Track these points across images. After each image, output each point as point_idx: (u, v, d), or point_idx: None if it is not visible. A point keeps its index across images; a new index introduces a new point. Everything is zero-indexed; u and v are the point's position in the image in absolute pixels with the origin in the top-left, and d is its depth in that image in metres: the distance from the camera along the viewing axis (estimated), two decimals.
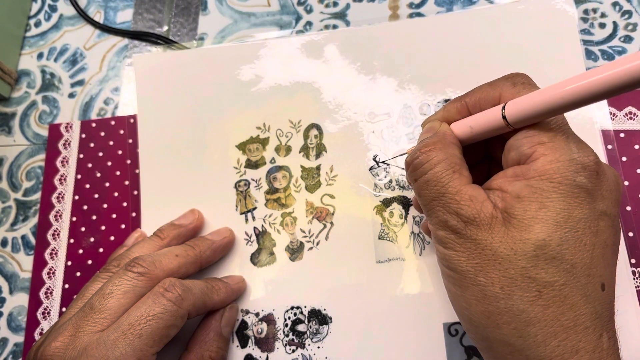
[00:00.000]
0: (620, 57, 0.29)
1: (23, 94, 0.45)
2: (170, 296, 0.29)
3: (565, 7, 0.37)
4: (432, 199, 0.25)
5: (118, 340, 0.27)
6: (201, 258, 0.34)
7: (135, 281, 0.29)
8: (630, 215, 0.34)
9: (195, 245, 0.34)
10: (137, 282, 0.29)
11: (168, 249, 0.33)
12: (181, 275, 0.32)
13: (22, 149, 0.43)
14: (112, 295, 0.29)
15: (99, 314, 0.28)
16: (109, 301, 0.28)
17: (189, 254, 0.33)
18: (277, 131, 0.39)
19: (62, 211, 0.40)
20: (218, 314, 0.33)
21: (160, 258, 0.31)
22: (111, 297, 0.29)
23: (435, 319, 0.33)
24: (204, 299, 0.31)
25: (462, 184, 0.24)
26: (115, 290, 0.29)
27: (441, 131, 0.27)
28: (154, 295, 0.29)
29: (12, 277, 0.40)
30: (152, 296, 0.29)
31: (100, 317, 0.28)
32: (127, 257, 0.32)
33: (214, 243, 0.35)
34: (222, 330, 0.33)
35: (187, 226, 0.36)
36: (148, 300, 0.29)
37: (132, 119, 0.41)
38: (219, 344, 0.32)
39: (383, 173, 0.37)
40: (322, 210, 0.37)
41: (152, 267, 0.30)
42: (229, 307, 0.34)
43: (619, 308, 0.32)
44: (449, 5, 0.41)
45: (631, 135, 0.36)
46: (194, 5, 0.45)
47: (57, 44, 0.46)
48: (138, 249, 0.33)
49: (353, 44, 0.39)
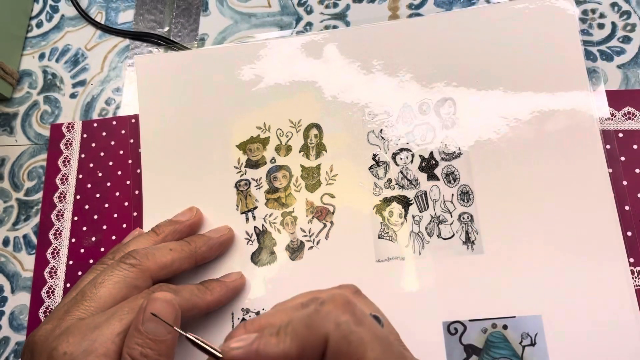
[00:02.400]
0: None
1: (25, 94, 0.45)
2: (160, 295, 0.28)
3: (566, 6, 0.37)
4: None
5: (101, 323, 0.28)
6: (196, 254, 0.34)
7: (126, 272, 0.30)
8: (629, 215, 0.34)
9: (191, 241, 0.35)
10: (128, 273, 0.30)
11: (163, 244, 0.33)
12: (175, 270, 0.33)
13: (24, 149, 0.43)
14: (103, 285, 0.30)
15: (89, 302, 0.29)
16: (99, 290, 0.29)
17: (183, 249, 0.33)
18: (277, 131, 0.39)
19: (63, 211, 0.41)
20: (140, 308, 0.28)
21: (153, 251, 0.32)
22: (102, 286, 0.30)
23: (434, 317, 0.33)
24: (193, 301, 0.32)
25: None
26: (106, 280, 0.30)
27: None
28: (145, 294, 0.30)
29: (14, 276, 0.40)
30: (144, 294, 0.30)
31: (90, 304, 0.29)
32: (123, 251, 0.33)
33: (210, 240, 0.35)
34: (140, 325, 0.27)
35: (184, 223, 0.36)
36: (138, 296, 0.29)
37: (134, 119, 0.41)
38: (137, 339, 0.27)
39: (383, 172, 0.37)
40: (322, 210, 0.37)
41: (144, 259, 0.31)
42: (150, 298, 0.28)
43: (619, 308, 0.32)
44: (448, 6, 0.41)
45: (630, 135, 0.36)
46: (195, 6, 0.45)
47: (59, 44, 0.46)
48: (134, 244, 0.34)
49: (353, 44, 0.39)
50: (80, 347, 0.27)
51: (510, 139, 0.36)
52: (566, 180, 0.34)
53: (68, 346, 0.27)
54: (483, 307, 0.33)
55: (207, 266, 0.36)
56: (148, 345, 0.27)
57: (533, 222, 0.34)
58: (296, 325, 0.23)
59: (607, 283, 0.33)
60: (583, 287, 0.33)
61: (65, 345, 0.27)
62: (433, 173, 0.36)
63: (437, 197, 0.36)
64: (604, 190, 0.34)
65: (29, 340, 0.29)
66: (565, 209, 0.34)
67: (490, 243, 0.34)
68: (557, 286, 0.33)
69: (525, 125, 0.36)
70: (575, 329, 0.32)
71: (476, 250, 0.34)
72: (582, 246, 0.33)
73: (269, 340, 0.23)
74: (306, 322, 0.22)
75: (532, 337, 0.33)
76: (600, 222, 0.34)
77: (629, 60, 0.38)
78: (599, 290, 0.33)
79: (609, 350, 0.32)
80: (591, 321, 0.32)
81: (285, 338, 0.23)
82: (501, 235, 0.34)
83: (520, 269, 0.34)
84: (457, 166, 0.36)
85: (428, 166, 0.36)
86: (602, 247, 0.33)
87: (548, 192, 0.34)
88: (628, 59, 0.38)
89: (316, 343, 0.22)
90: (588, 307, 0.32)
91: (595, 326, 0.32)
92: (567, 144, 0.35)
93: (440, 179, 0.36)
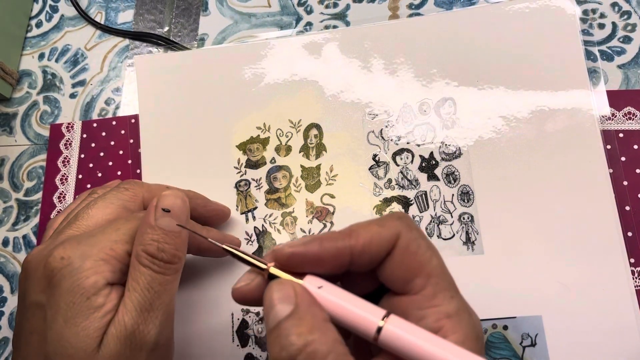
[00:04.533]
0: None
1: (24, 94, 0.45)
2: (169, 191, 0.28)
3: (566, 5, 0.37)
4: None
5: (97, 232, 0.27)
6: (192, 202, 0.31)
7: (119, 194, 0.30)
8: (630, 215, 0.34)
9: (190, 191, 0.34)
10: (121, 195, 0.30)
11: (160, 184, 0.33)
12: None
13: (24, 149, 0.43)
14: (96, 205, 0.29)
15: (82, 221, 0.28)
16: (91, 209, 0.29)
17: (180, 191, 0.30)
18: (277, 131, 0.39)
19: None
20: (151, 205, 0.28)
21: (149, 184, 0.32)
22: (94, 207, 0.29)
23: None
24: (195, 202, 0.32)
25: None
26: (99, 201, 0.29)
27: (307, 312, 0.21)
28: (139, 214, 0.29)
29: (14, 276, 0.40)
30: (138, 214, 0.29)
31: (82, 223, 0.28)
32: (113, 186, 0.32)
33: (208, 200, 0.35)
34: (154, 222, 0.27)
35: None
36: (135, 214, 0.29)
37: (133, 119, 0.41)
38: (152, 235, 0.26)
39: (383, 172, 0.37)
40: (322, 210, 0.37)
41: (137, 185, 0.31)
42: (161, 195, 0.28)
43: (619, 308, 0.32)
44: (448, 6, 0.41)
45: (630, 135, 0.36)
46: (195, 6, 0.45)
47: (59, 44, 0.46)
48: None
49: (353, 44, 0.39)
50: (78, 251, 0.26)
51: (511, 139, 0.36)
52: (566, 181, 0.34)
53: (64, 251, 0.26)
54: (483, 307, 0.33)
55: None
56: (164, 240, 0.26)
57: (533, 223, 0.34)
58: (366, 224, 0.23)
59: (607, 283, 0.33)
60: (583, 287, 0.33)
61: (62, 251, 0.26)
62: (433, 173, 0.36)
63: (437, 197, 0.36)
64: (604, 191, 0.34)
65: (23, 262, 0.28)
66: (565, 209, 0.34)
67: (490, 243, 0.34)
68: (557, 286, 0.33)
69: (526, 126, 0.36)
70: (576, 329, 0.32)
71: (476, 251, 0.34)
72: (582, 246, 0.33)
73: (333, 235, 0.22)
74: (378, 222, 0.23)
75: (532, 337, 0.33)
76: (601, 222, 0.34)
77: (630, 60, 0.38)
78: (599, 291, 0.33)
79: (609, 351, 0.32)
80: (591, 321, 0.32)
81: (350, 233, 0.22)
82: (501, 235, 0.34)
83: (520, 269, 0.33)
84: (457, 166, 0.36)
85: (428, 166, 0.36)
86: (602, 247, 0.33)
87: (548, 192, 0.34)
88: (628, 59, 0.38)
89: (386, 240, 0.22)
90: (588, 307, 0.32)
91: (595, 326, 0.32)
92: (567, 144, 0.35)
93: (441, 179, 0.36)
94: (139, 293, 0.25)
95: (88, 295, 0.25)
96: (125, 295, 0.26)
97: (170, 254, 0.26)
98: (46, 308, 0.26)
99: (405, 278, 0.22)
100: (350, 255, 0.22)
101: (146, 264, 0.26)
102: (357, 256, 0.22)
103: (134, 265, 0.26)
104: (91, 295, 0.25)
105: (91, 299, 0.25)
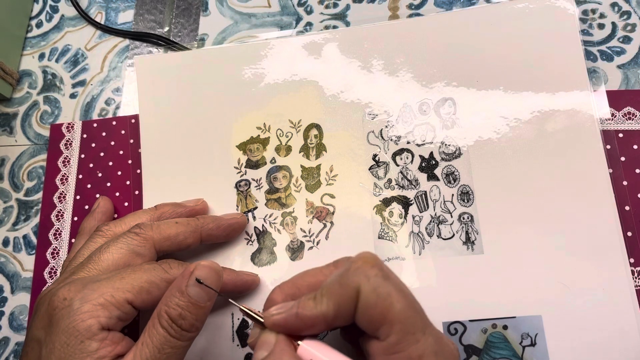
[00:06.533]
0: None
1: (25, 95, 0.45)
2: (207, 262, 0.28)
3: (566, 6, 0.37)
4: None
5: (103, 278, 0.28)
6: (202, 229, 0.34)
7: (130, 239, 0.31)
8: (630, 215, 0.34)
9: (200, 217, 0.35)
10: (131, 241, 0.31)
11: (170, 219, 0.34)
12: (179, 242, 0.33)
13: (24, 149, 0.43)
14: (108, 250, 0.31)
15: (93, 265, 0.30)
16: (103, 254, 0.30)
17: (189, 223, 0.33)
18: (277, 131, 0.39)
19: (63, 211, 0.41)
20: (186, 271, 0.28)
21: (158, 223, 0.33)
22: (106, 251, 0.30)
23: (434, 317, 0.33)
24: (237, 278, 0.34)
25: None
26: (111, 246, 0.31)
27: (280, 357, 0.24)
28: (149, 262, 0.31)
29: (14, 276, 0.40)
30: (149, 263, 0.31)
31: (93, 267, 0.30)
32: (122, 223, 0.34)
33: (219, 219, 0.35)
34: (184, 288, 0.27)
35: (187, 207, 0.36)
36: (144, 263, 0.30)
37: (134, 119, 0.41)
38: (178, 301, 0.27)
39: (383, 172, 0.37)
40: (322, 210, 0.37)
41: (147, 228, 0.32)
42: (198, 265, 0.28)
43: (619, 308, 0.32)
44: (448, 6, 0.41)
45: (630, 135, 0.36)
46: (195, 6, 0.45)
47: (59, 44, 0.46)
48: (131, 217, 0.34)
49: (353, 44, 0.39)
50: (80, 294, 0.27)
51: (511, 139, 0.36)
52: (566, 181, 0.34)
53: (68, 293, 0.27)
54: (483, 307, 0.33)
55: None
56: (188, 309, 0.27)
57: (533, 222, 0.34)
58: (330, 285, 0.25)
59: (607, 283, 0.33)
60: (583, 287, 0.33)
61: (66, 292, 0.27)
62: (433, 173, 0.36)
63: (437, 197, 0.36)
64: (604, 191, 0.34)
65: (37, 297, 0.29)
66: (565, 209, 0.34)
67: (490, 243, 0.34)
68: (557, 286, 0.33)
69: (526, 125, 0.36)
70: (576, 329, 0.32)
71: (476, 251, 0.34)
72: (583, 246, 0.33)
73: (307, 304, 0.25)
74: (339, 281, 0.24)
75: (532, 337, 0.33)
76: (601, 222, 0.34)
77: (629, 61, 0.38)
78: (599, 291, 0.33)
79: (609, 350, 0.32)
80: (591, 321, 0.32)
81: (321, 299, 0.25)
82: (501, 235, 0.34)
83: (520, 269, 0.34)
84: (457, 166, 0.36)
85: (428, 166, 0.36)
86: (602, 247, 0.33)
87: (548, 192, 0.34)
88: (628, 59, 0.38)
89: (350, 298, 0.24)
90: (588, 307, 0.32)
91: (595, 326, 0.32)
92: (567, 144, 0.35)
93: (440, 179, 0.36)
94: (149, 350, 0.26)
95: (82, 339, 0.26)
96: (136, 346, 0.27)
97: (189, 323, 0.27)
98: (42, 345, 0.27)
99: (372, 328, 0.24)
100: (325, 324, 0.25)
101: (165, 325, 0.26)
102: (332, 321, 0.25)
103: (153, 322, 0.27)
104: (85, 339, 0.26)
105: (85, 342, 0.26)
